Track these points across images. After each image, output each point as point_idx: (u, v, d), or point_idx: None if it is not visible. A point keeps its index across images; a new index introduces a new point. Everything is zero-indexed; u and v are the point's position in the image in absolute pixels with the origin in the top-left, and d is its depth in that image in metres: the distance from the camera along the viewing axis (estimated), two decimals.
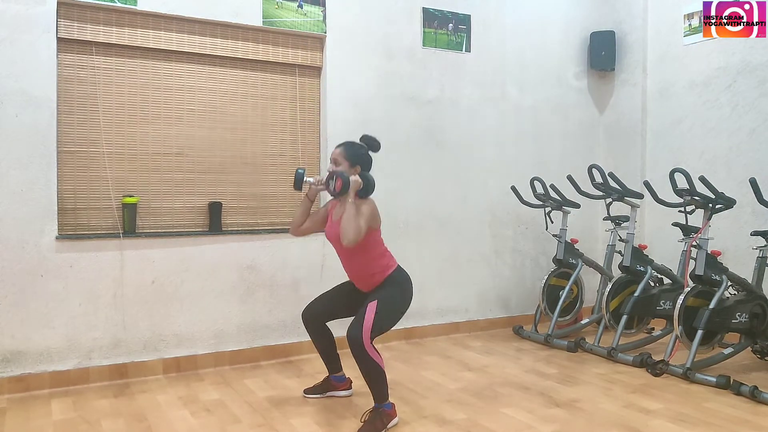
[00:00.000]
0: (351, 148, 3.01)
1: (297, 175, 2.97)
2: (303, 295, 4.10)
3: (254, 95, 4.10)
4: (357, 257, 2.96)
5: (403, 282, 3.00)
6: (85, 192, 3.62)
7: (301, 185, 2.97)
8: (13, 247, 3.34)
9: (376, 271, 2.96)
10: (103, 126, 3.65)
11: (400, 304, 2.96)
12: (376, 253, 2.97)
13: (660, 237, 4.89)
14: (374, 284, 2.97)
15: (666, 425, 2.89)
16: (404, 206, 4.54)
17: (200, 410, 3.11)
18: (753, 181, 3.58)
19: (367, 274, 2.98)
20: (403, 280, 3.00)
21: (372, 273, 2.97)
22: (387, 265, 2.98)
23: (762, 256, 3.84)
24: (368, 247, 2.93)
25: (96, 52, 3.62)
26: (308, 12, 4.15)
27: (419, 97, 4.60)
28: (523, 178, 4.83)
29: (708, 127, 4.70)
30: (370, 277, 2.98)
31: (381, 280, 2.96)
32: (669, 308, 4.11)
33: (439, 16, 4.66)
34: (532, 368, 3.87)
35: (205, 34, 3.89)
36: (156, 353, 3.70)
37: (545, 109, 5.19)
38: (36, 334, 3.39)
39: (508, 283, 5.06)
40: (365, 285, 3.02)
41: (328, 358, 3.28)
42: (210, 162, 3.97)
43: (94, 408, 3.14)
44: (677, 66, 4.92)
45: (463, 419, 2.98)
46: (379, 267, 2.96)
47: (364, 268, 2.98)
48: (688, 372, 3.53)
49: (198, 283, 3.82)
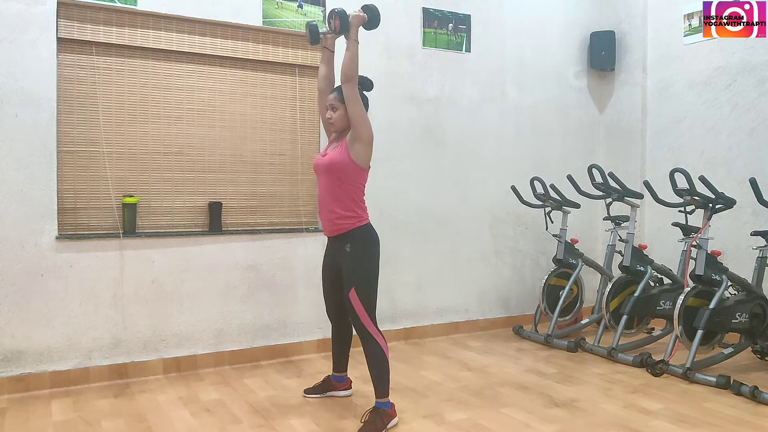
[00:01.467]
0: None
1: (311, 27, 2.97)
2: (303, 295, 4.11)
3: (254, 95, 4.10)
4: (335, 189, 2.87)
5: (368, 240, 2.92)
6: (85, 192, 3.62)
7: (318, 38, 3.00)
8: (13, 246, 3.34)
9: (345, 214, 2.87)
10: (103, 126, 3.65)
11: (372, 269, 2.92)
12: (353, 195, 2.89)
13: (660, 237, 4.89)
14: (339, 230, 2.90)
15: (666, 425, 2.89)
16: (404, 206, 4.54)
17: (200, 410, 3.11)
18: (753, 181, 3.58)
19: (336, 212, 2.88)
20: (367, 238, 2.92)
21: (341, 214, 2.87)
22: (358, 216, 2.90)
23: (762, 256, 3.84)
24: (348, 183, 2.86)
25: (96, 52, 3.62)
26: (308, 12, 4.15)
27: (419, 96, 4.60)
28: (523, 178, 4.83)
29: (708, 126, 4.70)
30: (338, 219, 2.88)
31: (348, 228, 2.88)
32: (669, 308, 4.11)
33: (439, 16, 4.66)
34: (532, 368, 3.87)
35: (205, 34, 3.89)
36: (156, 353, 3.70)
37: (545, 108, 5.19)
38: (36, 334, 3.39)
39: (508, 283, 5.06)
40: (331, 226, 2.93)
41: (337, 354, 3.30)
42: (210, 162, 3.97)
43: (94, 408, 3.14)
44: (677, 66, 4.92)
45: (463, 419, 2.98)
46: (350, 211, 2.88)
47: (336, 204, 2.88)
48: (688, 372, 3.53)
49: (198, 283, 3.82)
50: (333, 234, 2.96)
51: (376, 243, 2.95)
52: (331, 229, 2.95)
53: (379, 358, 2.86)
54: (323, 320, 3.37)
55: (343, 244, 2.91)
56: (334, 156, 2.89)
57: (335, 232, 2.94)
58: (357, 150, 2.84)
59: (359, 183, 2.92)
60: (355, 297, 2.85)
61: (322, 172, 2.93)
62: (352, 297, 2.85)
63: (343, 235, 2.91)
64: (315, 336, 4.16)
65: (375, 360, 2.87)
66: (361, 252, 2.90)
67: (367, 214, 2.97)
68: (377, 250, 2.96)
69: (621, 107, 5.33)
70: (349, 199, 2.89)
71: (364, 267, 2.90)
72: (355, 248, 2.89)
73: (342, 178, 2.86)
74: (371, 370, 2.89)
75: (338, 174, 2.85)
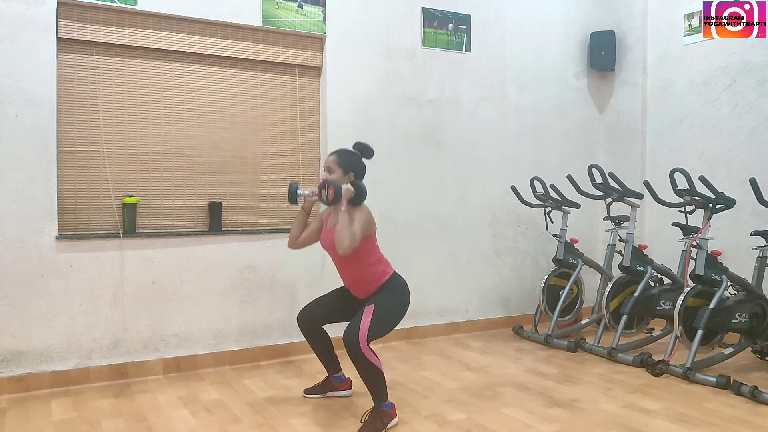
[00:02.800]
0: (344, 155, 3.02)
1: (291, 188, 3.00)
2: (303, 295, 4.10)
3: (254, 95, 4.10)
4: (352, 265, 2.96)
5: (400, 288, 2.99)
6: (85, 192, 3.62)
7: (295, 198, 3.02)
8: (13, 246, 3.34)
9: (371, 279, 2.96)
10: (103, 126, 3.65)
11: (397, 309, 2.96)
12: (371, 261, 2.97)
13: (660, 237, 4.88)
14: (370, 291, 2.97)
15: (666, 425, 2.89)
16: (404, 206, 4.54)
17: (200, 410, 3.11)
18: (753, 181, 3.58)
19: (362, 281, 2.98)
20: (399, 287, 2.99)
21: (368, 280, 2.96)
22: (383, 272, 2.97)
23: (762, 256, 3.84)
24: (363, 254, 2.92)
25: (96, 52, 3.62)
26: (308, 12, 4.15)
27: (419, 97, 4.60)
28: (523, 178, 4.83)
29: (708, 126, 4.70)
30: (366, 285, 2.98)
31: (377, 287, 2.95)
32: (669, 308, 4.11)
33: (439, 16, 4.66)
34: (532, 368, 3.87)
35: (205, 34, 3.89)
36: (156, 353, 3.70)
37: (545, 109, 5.19)
38: (36, 334, 3.39)
39: (508, 283, 5.06)
40: (361, 292, 3.02)
41: (326, 359, 3.28)
42: (210, 162, 3.97)
43: (94, 408, 3.14)
44: (677, 66, 4.92)
45: (463, 419, 2.98)
46: (374, 274, 2.96)
47: (360, 275, 2.98)
48: (688, 372, 3.53)
49: (198, 283, 3.82)
50: (366, 295, 3.00)
51: (406, 289, 3.02)
52: (364, 293, 3.00)
53: (372, 372, 2.77)
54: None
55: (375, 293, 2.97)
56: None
57: (368, 293, 2.99)
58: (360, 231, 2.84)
59: (372, 245, 2.98)
60: (369, 311, 2.81)
61: (332, 250, 2.96)
62: (367, 310, 2.82)
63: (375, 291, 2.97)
64: None
65: (368, 374, 2.78)
66: (392, 292, 2.96)
67: (390, 266, 3.03)
68: (407, 298, 3.01)
69: (621, 107, 5.33)
70: (368, 265, 2.95)
71: (393, 302, 2.94)
72: (386, 290, 2.95)
73: (356, 254, 2.86)
74: (365, 382, 2.82)
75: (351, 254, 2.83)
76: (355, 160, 3.03)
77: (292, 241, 3.19)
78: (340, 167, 2.97)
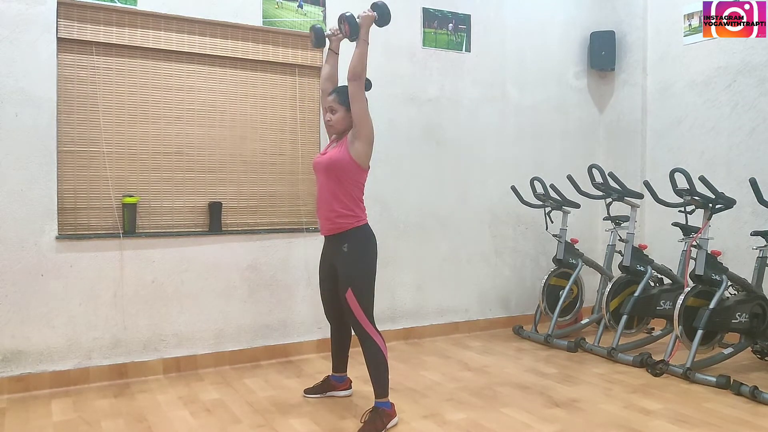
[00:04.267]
0: (345, 92, 2.91)
1: (316, 31, 3.02)
2: (303, 295, 4.11)
3: (254, 95, 4.10)
4: (333, 189, 2.86)
5: (365, 240, 2.91)
6: (85, 192, 3.62)
7: (323, 41, 3.05)
8: (13, 246, 3.34)
9: (344, 212, 2.87)
10: (103, 125, 3.65)
11: (368, 269, 2.91)
12: (351, 195, 2.88)
13: (660, 237, 4.88)
14: (337, 229, 2.89)
15: (666, 425, 2.89)
16: (404, 206, 4.54)
17: (200, 410, 3.11)
18: (753, 181, 3.58)
19: (335, 211, 2.87)
20: (364, 238, 2.91)
21: (340, 213, 2.87)
22: (356, 216, 2.89)
23: (762, 256, 3.84)
24: (348, 182, 2.86)
25: (96, 52, 3.62)
26: (308, 12, 4.15)
27: (419, 96, 4.60)
28: (523, 178, 4.82)
29: (708, 126, 4.70)
30: (337, 217, 2.88)
31: (346, 228, 2.87)
32: (669, 308, 4.11)
33: (439, 16, 4.66)
34: (532, 368, 3.87)
35: (205, 34, 3.89)
36: (156, 353, 3.70)
37: (545, 108, 5.19)
38: (36, 334, 3.39)
39: (508, 283, 5.06)
40: (328, 225, 2.92)
41: (337, 355, 3.30)
42: (210, 162, 3.97)
43: (94, 408, 3.14)
44: (677, 66, 4.92)
45: (463, 419, 2.98)
46: (349, 210, 2.87)
47: (335, 202, 2.87)
48: (688, 372, 3.53)
49: (198, 283, 3.82)
50: (331, 233, 2.95)
51: (373, 243, 2.95)
52: (329, 228, 2.94)
53: (377, 358, 2.86)
54: (323, 320, 3.37)
55: (340, 244, 2.90)
56: (334, 155, 2.89)
57: (333, 231, 2.93)
58: (357, 148, 2.84)
59: (359, 182, 2.91)
60: (352, 297, 2.84)
61: (322, 171, 2.93)
62: (349, 297, 2.84)
63: (341, 234, 2.90)
64: (315, 336, 4.16)
65: (373, 360, 2.87)
66: (358, 252, 2.89)
67: (366, 215, 2.96)
68: (375, 250, 2.95)
69: (621, 107, 5.33)
70: (348, 199, 2.88)
71: (361, 267, 2.89)
72: (352, 248, 2.88)
73: (341, 176, 2.85)
74: (370, 370, 2.89)
75: (338, 173, 2.85)
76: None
77: (323, 80, 3.17)
78: (342, 105, 2.92)
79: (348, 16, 2.84)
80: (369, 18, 2.84)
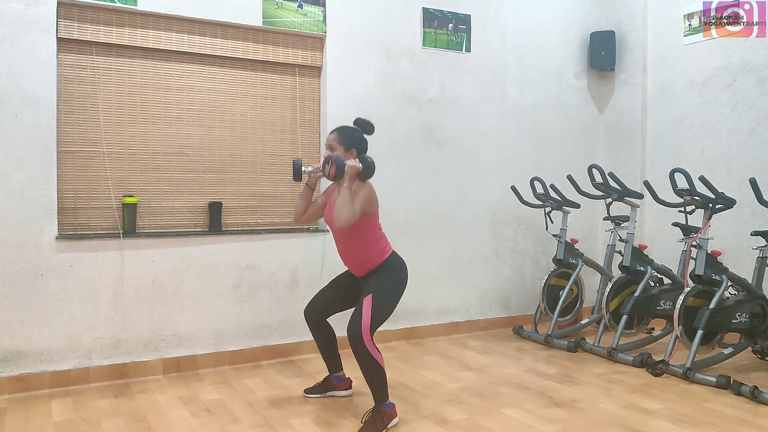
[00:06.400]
0: (345, 132, 3.01)
1: (295, 165, 3.01)
2: (303, 294, 4.10)
3: (254, 95, 4.10)
4: (352, 241, 2.95)
5: (398, 268, 2.99)
6: (85, 192, 3.62)
7: (300, 175, 3.03)
8: (13, 247, 3.34)
9: (370, 257, 2.95)
10: (103, 126, 3.65)
11: (395, 291, 2.97)
12: (371, 238, 2.96)
13: (660, 237, 4.89)
14: (368, 269, 2.97)
15: (666, 425, 2.89)
16: (404, 206, 4.54)
17: (200, 410, 3.11)
18: (753, 181, 3.58)
19: (361, 258, 2.98)
20: (397, 266, 2.99)
21: (366, 258, 2.96)
22: (382, 250, 2.97)
23: (762, 256, 3.84)
24: (364, 231, 2.92)
25: (96, 52, 3.62)
26: (308, 12, 4.15)
27: (419, 97, 4.60)
28: (523, 178, 4.82)
29: (708, 126, 4.70)
30: (365, 263, 2.97)
31: (375, 265, 2.95)
32: (669, 308, 4.11)
33: (439, 16, 4.66)
34: (532, 368, 3.87)
35: (205, 34, 3.89)
36: (156, 353, 3.70)
37: (545, 108, 5.19)
38: (36, 334, 3.39)
39: (508, 283, 5.06)
40: (359, 270, 3.01)
41: (328, 356, 3.29)
42: (210, 162, 3.97)
43: (94, 408, 3.14)
44: (677, 66, 4.92)
45: (463, 419, 2.98)
46: (374, 252, 2.95)
47: (359, 252, 2.97)
48: (688, 372, 3.53)
49: (198, 283, 3.82)
50: (363, 274, 3.01)
51: (404, 270, 3.02)
52: (362, 271, 3.01)
53: (373, 368, 2.78)
54: None
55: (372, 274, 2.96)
56: None
57: (365, 272, 3.00)
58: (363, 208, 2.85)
59: (374, 223, 2.98)
60: (368, 302, 2.81)
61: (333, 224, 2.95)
62: (366, 301, 2.82)
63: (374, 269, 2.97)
64: None
65: (369, 370, 2.79)
66: (391, 275, 2.96)
67: (390, 245, 3.03)
68: (405, 278, 3.02)
69: (621, 107, 5.33)
70: (370, 242, 2.96)
71: (390, 285, 2.95)
72: (385, 272, 2.95)
73: (357, 230, 2.89)
74: (367, 379, 2.83)
75: (352, 229, 2.86)
76: (356, 137, 3.03)
77: (297, 216, 3.18)
78: (341, 144, 2.96)
79: (336, 158, 2.85)
80: (354, 169, 2.83)
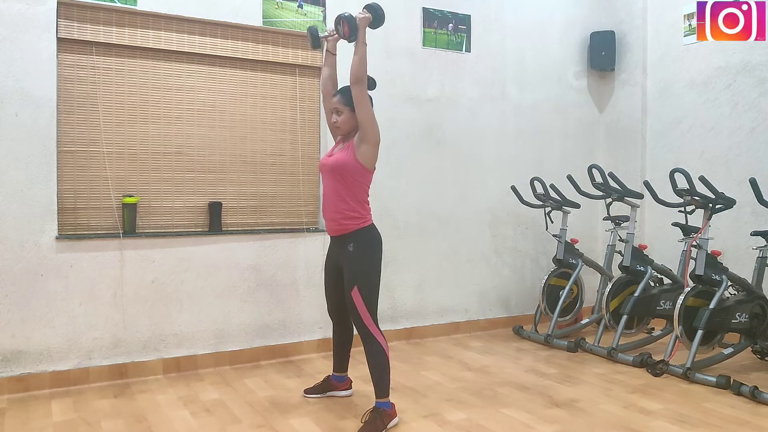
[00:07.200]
0: (347, 92, 2.94)
1: (312, 31, 3.01)
2: (303, 295, 4.11)
3: (254, 95, 4.10)
4: (339, 189, 2.89)
5: (373, 242, 2.95)
6: (85, 192, 3.61)
7: (318, 42, 3.04)
8: (13, 246, 3.34)
9: (350, 214, 2.90)
10: (103, 126, 3.65)
11: (375, 272, 2.95)
12: (357, 197, 2.91)
13: (660, 237, 4.89)
14: (343, 230, 2.92)
15: (666, 425, 2.89)
16: (404, 206, 4.54)
17: (200, 410, 3.11)
18: (753, 181, 3.58)
19: (342, 211, 2.90)
20: (372, 239, 2.95)
21: (346, 214, 2.90)
22: (362, 217, 2.92)
23: (762, 256, 3.84)
24: (354, 185, 2.89)
25: (96, 52, 3.62)
26: (308, 12, 4.15)
27: (419, 96, 4.60)
28: (523, 178, 4.83)
29: (708, 126, 4.70)
30: (343, 219, 2.91)
31: (352, 228, 2.90)
32: (669, 308, 4.11)
33: (439, 16, 4.66)
34: (532, 368, 3.87)
35: (205, 34, 3.89)
36: (156, 353, 3.70)
37: (545, 108, 5.19)
38: (36, 334, 3.39)
39: (508, 283, 5.06)
40: (335, 227, 2.96)
41: (339, 356, 3.30)
42: (210, 162, 3.97)
43: (94, 408, 3.14)
44: (677, 66, 4.92)
45: (463, 419, 2.98)
46: (354, 211, 2.90)
47: (341, 204, 2.90)
48: (688, 372, 3.53)
49: (198, 283, 3.82)
50: (337, 233, 2.98)
51: (378, 243, 2.98)
52: (335, 229, 2.97)
53: (379, 358, 2.87)
54: (323, 320, 3.37)
55: (345, 244, 2.92)
56: (341, 157, 2.91)
57: (339, 232, 2.95)
58: (363, 151, 2.86)
59: (364, 184, 2.94)
60: (357, 296, 2.85)
61: (328, 172, 2.96)
62: (354, 296, 2.86)
63: (347, 234, 2.92)
64: (315, 336, 4.16)
65: (375, 359, 2.87)
66: (363, 252, 2.91)
67: (371, 216, 2.99)
68: (380, 250, 2.98)
69: (621, 107, 5.33)
70: (354, 200, 2.91)
71: (367, 266, 2.92)
72: (357, 248, 2.91)
73: (347, 179, 2.88)
74: (371, 369, 2.89)
75: (344, 175, 2.87)
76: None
77: (323, 81, 3.18)
78: (346, 105, 2.94)
79: (347, 16, 2.84)
80: (365, 20, 2.85)
